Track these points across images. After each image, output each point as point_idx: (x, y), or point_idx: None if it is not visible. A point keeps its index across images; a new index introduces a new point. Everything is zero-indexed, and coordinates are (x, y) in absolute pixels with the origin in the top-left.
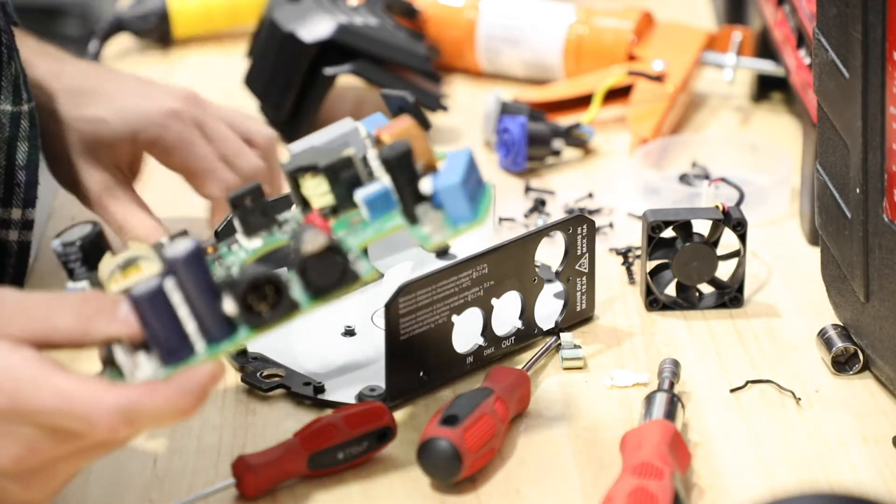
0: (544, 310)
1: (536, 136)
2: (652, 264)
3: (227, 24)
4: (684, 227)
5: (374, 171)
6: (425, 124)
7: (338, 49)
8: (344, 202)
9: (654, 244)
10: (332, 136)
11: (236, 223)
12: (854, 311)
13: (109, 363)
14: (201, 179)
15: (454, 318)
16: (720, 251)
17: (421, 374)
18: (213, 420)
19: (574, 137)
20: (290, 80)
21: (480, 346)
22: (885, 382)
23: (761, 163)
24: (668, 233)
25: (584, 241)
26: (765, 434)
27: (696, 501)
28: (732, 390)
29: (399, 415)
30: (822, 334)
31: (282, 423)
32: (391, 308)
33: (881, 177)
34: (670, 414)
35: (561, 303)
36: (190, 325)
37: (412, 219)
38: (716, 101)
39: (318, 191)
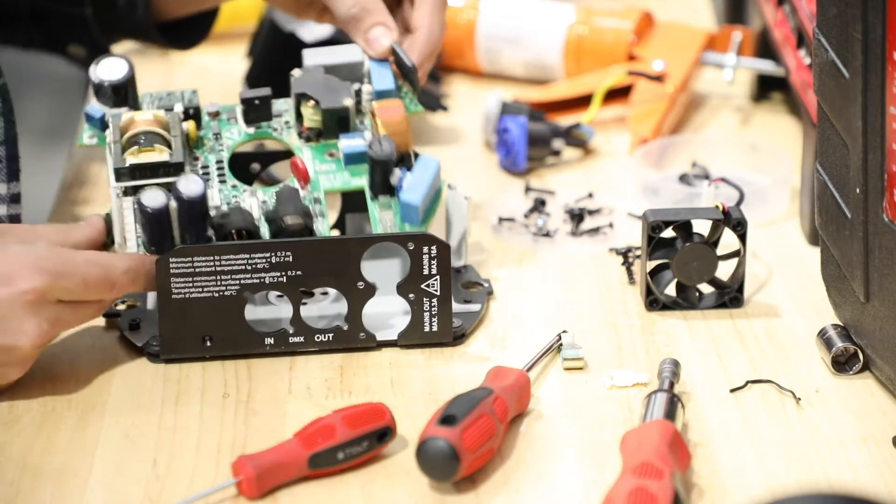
0: (388, 320)
1: (536, 136)
2: (652, 264)
3: (227, 24)
4: (684, 227)
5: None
6: (414, 86)
7: None
8: (329, 134)
9: (654, 244)
10: (342, 61)
11: (238, 114)
12: (854, 311)
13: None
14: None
15: (248, 295)
16: (720, 251)
17: (205, 338)
18: (212, 420)
19: (574, 137)
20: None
21: (286, 331)
22: (885, 382)
23: (761, 163)
24: (668, 233)
25: (434, 262)
26: (765, 434)
27: (696, 501)
28: (732, 390)
29: (399, 415)
30: (822, 334)
31: (282, 423)
32: (161, 264)
33: (881, 177)
34: (670, 414)
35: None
36: (177, 234)
37: (374, 196)
38: (716, 101)
39: (312, 116)
